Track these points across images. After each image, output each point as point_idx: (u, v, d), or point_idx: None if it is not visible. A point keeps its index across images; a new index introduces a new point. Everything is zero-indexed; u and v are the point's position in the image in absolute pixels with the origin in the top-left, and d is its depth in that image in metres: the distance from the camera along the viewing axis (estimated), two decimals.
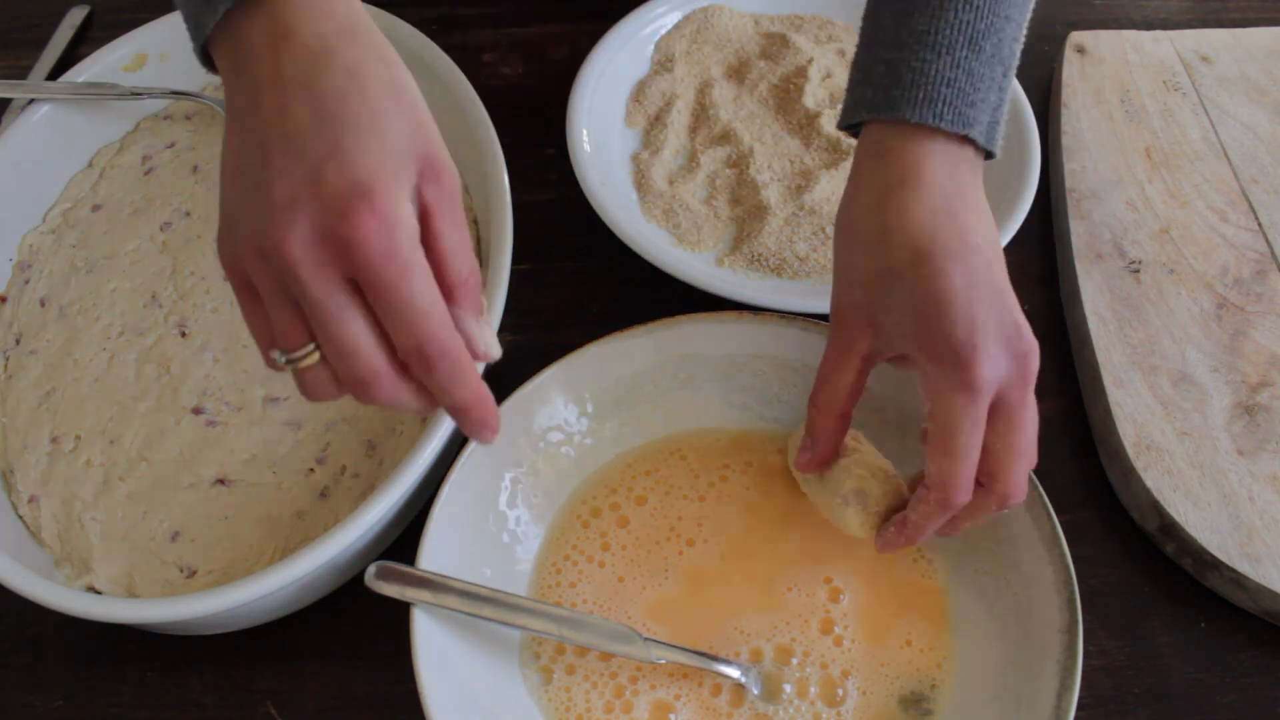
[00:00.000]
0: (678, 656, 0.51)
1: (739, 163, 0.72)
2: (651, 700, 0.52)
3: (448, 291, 0.40)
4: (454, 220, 0.41)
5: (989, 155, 0.50)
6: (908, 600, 0.55)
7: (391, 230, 0.37)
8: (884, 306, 0.47)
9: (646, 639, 0.51)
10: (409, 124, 0.40)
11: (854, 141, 0.51)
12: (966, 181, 0.48)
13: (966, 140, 0.48)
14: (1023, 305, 0.67)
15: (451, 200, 0.41)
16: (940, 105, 0.47)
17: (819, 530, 0.56)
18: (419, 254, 0.39)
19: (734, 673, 0.52)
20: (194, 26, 0.42)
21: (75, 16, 0.84)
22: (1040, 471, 0.54)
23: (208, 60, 0.43)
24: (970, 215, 0.47)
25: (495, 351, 0.43)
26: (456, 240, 0.41)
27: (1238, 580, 0.55)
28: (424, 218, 0.40)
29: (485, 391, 0.43)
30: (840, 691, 0.52)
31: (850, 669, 0.53)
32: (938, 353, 0.45)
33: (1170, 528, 0.57)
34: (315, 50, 0.39)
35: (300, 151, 0.38)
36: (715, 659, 0.52)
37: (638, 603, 0.55)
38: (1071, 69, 0.78)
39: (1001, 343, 0.45)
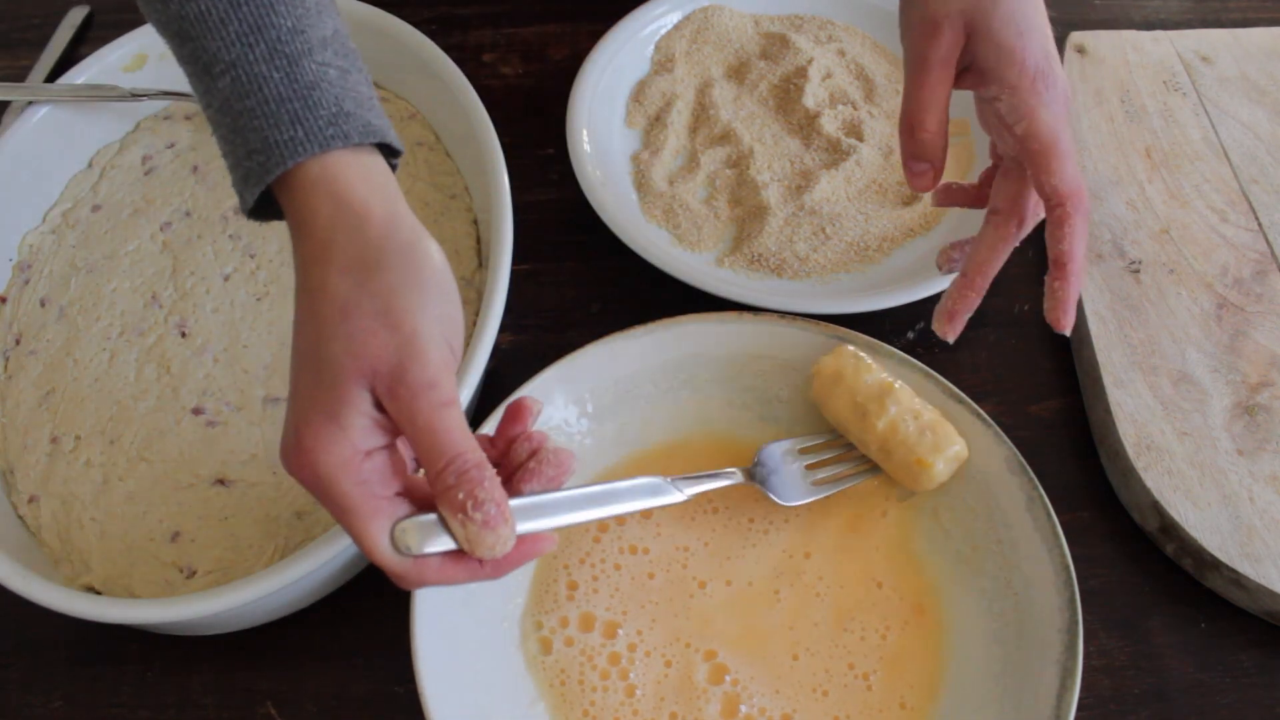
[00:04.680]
0: (703, 485, 0.53)
1: (739, 163, 0.72)
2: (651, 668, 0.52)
3: (426, 490, 0.41)
4: (415, 427, 0.39)
5: None
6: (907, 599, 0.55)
7: (317, 479, 0.39)
8: (984, 9, 0.50)
9: (671, 480, 0.51)
10: (350, 343, 0.39)
11: (854, 141, 0.51)
12: None
13: None
14: (1023, 305, 0.68)
15: (411, 406, 0.39)
16: None
17: (815, 531, 0.56)
18: (347, 485, 0.39)
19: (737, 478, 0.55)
20: (247, 179, 0.42)
21: (75, 17, 0.84)
22: (1040, 471, 0.54)
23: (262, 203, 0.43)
24: None
25: (484, 551, 0.40)
26: (423, 444, 0.39)
27: (1238, 580, 0.55)
28: (394, 429, 0.40)
29: (470, 574, 0.41)
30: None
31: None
32: (1029, 70, 0.50)
33: (1170, 528, 0.57)
34: (300, 272, 0.41)
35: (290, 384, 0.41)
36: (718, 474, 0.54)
37: (636, 599, 0.55)
38: (1071, 69, 0.78)
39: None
